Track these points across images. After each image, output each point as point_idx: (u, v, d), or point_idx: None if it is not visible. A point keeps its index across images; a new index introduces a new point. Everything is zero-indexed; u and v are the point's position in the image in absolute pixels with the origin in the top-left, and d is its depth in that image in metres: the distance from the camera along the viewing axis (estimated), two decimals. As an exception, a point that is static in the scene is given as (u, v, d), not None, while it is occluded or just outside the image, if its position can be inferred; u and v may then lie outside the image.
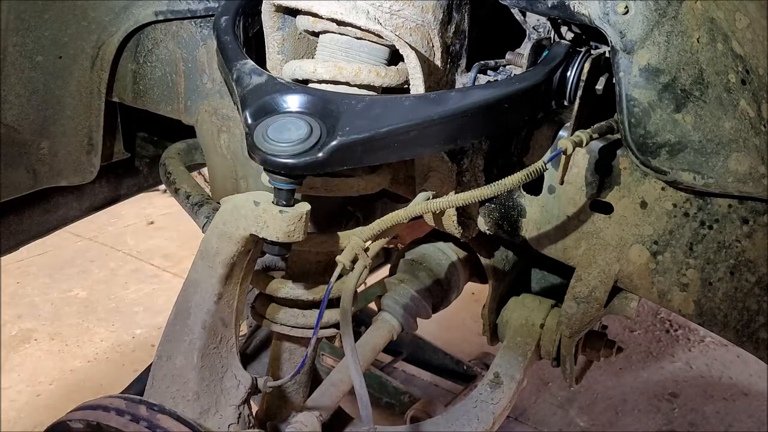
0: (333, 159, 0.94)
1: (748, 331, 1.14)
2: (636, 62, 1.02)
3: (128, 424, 1.02)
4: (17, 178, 1.55)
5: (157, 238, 4.06)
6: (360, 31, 1.07)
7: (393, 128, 0.96)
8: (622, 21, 1.01)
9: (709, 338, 3.21)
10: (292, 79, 1.10)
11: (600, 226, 1.19)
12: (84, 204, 1.82)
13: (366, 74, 1.07)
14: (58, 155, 1.59)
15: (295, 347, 1.35)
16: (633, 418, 2.76)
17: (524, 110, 1.07)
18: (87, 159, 1.62)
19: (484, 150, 1.23)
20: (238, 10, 1.17)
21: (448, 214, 1.24)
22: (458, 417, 1.38)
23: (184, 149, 1.71)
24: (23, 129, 1.52)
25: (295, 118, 0.97)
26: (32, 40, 1.47)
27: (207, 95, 1.53)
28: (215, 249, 1.07)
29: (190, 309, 1.10)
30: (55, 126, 1.56)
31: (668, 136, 1.03)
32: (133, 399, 1.06)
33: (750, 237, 1.10)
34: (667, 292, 1.17)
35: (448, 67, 1.16)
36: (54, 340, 3.12)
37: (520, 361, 1.45)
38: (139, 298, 3.47)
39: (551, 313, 1.49)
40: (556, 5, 1.06)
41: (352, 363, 1.01)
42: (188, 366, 1.10)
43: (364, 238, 1.05)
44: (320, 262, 1.28)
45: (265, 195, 1.03)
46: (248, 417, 1.17)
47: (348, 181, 1.17)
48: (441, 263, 1.55)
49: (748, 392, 2.90)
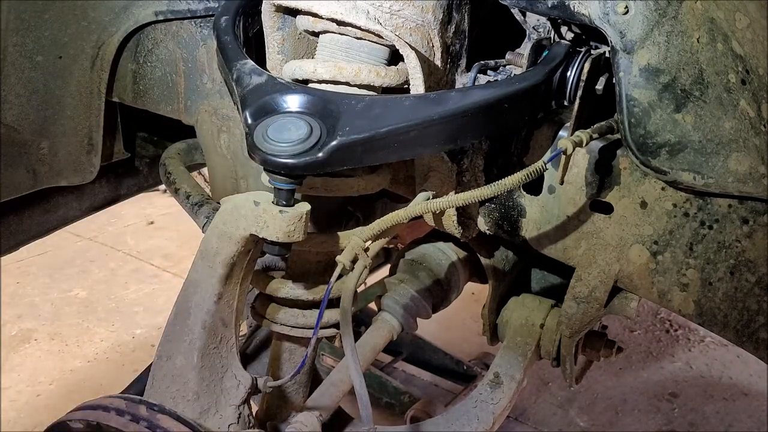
0: (333, 159, 0.94)
1: (748, 331, 1.14)
2: (636, 62, 1.02)
3: (128, 424, 1.02)
4: (17, 178, 1.55)
5: (157, 238, 4.06)
6: (360, 31, 1.07)
7: (393, 128, 0.96)
8: (622, 21, 1.01)
9: (709, 338, 3.21)
10: (292, 79, 1.10)
11: (600, 226, 1.19)
12: (84, 204, 1.82)
13: (366, 74, 1.07)
14: (58, 155, 1.59)
15: (295, 347, 1.35)
16: (633, 418, 2.76)
17: (524, 110, 1.07)
18: (87, 159, 1.62)
19: (484, 150, 1.23)
20: (238, 10, 1.17)
21: (448, 214, 1.24)
22: (458, 417, 1.38)
23: (184, 149, 1.71)
24: (23, 129, 1.52)
25: (295, 118, 0.97)
26: (32, 40, 1.47)
27: (207, 95, 1.53)
28: (215, 249, 1.07)
29: (190, 309, 1.10)
30: (55, 126, 1.56)
31: (668, 136, 1.03)
32: (133, 399, 1.06)
33: (750, 237, 1.10)
34: (667, 292, 1.17)
35: (448, 67, 1.16)
36: (54, 340, 3.12)
37: (520, 361, 1.45)
38: (139, 298, 3.47)
39: (551, 313, 1.49)
40: (556, 5, 1.06)
41: (352, 363, 1.01)
42: (188, 366, 1.10)
43: (364, 238, 1.05)
44: (320, 262, 1.28)
45: (265, 195, 1.03)
46: (248, 417, 1.17)
47: (348, 181, 1.17)
48: (441, 263, 1.55)
49: (748, 392, 2.90)
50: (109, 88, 1.59)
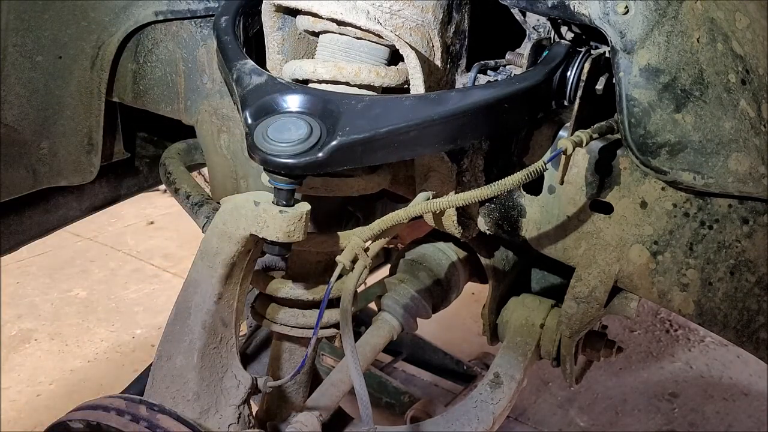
0: (333, 159, 0.94)
1: (748, 331, 1.14)
2: (636, 62, 1.02)
3: (128, 424, 1.02)
4: (17, 178, 1.55)
5: (157, 238, 4.06)
6: (360, 31, 1.07)
7: (393, 128, 0.96)
8: (622, 21, 1.01)
9: (709, 338, 3.21)
10: (292, 79, 1.10)
11: (600, 226, 1.19)
12: (84, 204, 1.82)
13: (366, 74, 1.07)
14: (58, 155, 1.59)
15: (295, 347, 1.35)
16: (633, 418, 2.76)
17: (524, 110, 1.07)
18: (87, 159, 1.62)
19: (484, 150, 1.23)
20: (238, 10, 1.17)
21: (448, 214, 1.24)
22: (458, 417, 1.38)
23: (184, 149, 1.71)
24: (23, 129, 1.52)
25: (295, 118, 0.97)
26: (32, 40, 1.47)
27: (207, 95, 1.53)
28: (215, 249, 1.07)
29: (190, 309, 1.10)
30: (55, 126, 1.56)
31: (668, 136, 1.03)
32: (133, 399, 1.06)
33: (750, 237, 1.10)
34: (667, 292, 1.17)
35: (448, 67, 1.16)
36: (54, 340, 3.12)
37: (520, 361, 1.45)
38: (139, 298, 3.47)
39: (551, 313, 1.49)
40: (555, 5, 1.06)
41: (352, 363, 1.01)
42: (188, 366, 1.10)
43: (364, 238, 1.05)
44: (320, 262, 1.28)
45: (266, 195, 1.03)
46: (248, 417, 1.17)
47: (348, 181, 1.17)
48: (441, 263, 1.55)
49: (748, 392, 2.90)
50: (109, 88, 1.59)
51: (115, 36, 1.53)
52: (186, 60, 1.53)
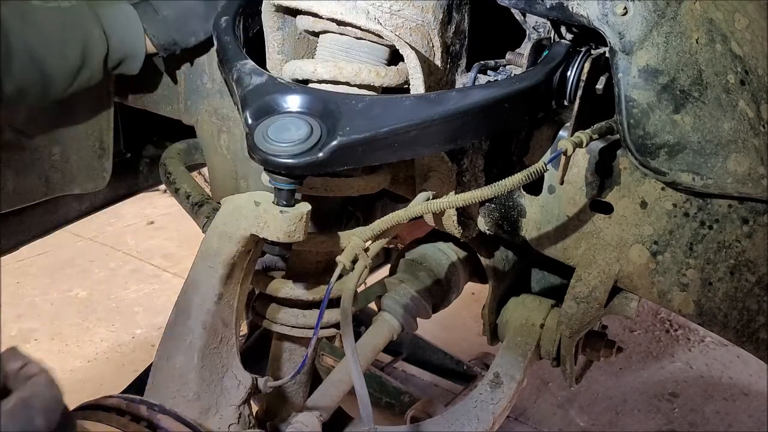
0: (333, 159, 0.94)
1: (748, 331, 1.14)
2: (635, 63, 1.02)
3: (128, 424, 1.02)
4: (30, 185, 1.54)
5: (157, 238, 4.06)
6: (360, 31, 1.07)
7: (393, 128, 0.96)
8: (620, 22, 1.01)
9: (709, 338, 3.21)
10: (292, 79, 1.10)
11: (600, 226, 1.19)
12: (84, 204, 1.82)
13: (366, 74, 1.08)
14: (70, 161, 1.57)
15: (295, 347, 1.35)
16: (633, 418, 2.76)
17: (524, 110, 1.07)
18: (99, 164, 1.61)
19: (484, 150, 1.23)
20: (238, 10, 1.17)
21: (448, 214, 1.24)
22: (458, 417, 1.38)
23: (184, 149, 1.71)
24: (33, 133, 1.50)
25: (296, 118, 0.97)
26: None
27: (207, 95, 1.53)
28: (216, 249, 1.07)
29: (191, 309, 1.10)
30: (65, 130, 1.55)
31: (667, 137, 1.03)
32: (133, 399, 1.06)
33: (750, 237, 1.10)
34: (667, 292, 1.17)
35: (448, 67, 1.16)
36: (54, 340, 3.12)
37: (520, 361, 1.46)
38: (139, 298, 3.47)
39: (551, 313, 1.49)
40: (554, 6, 1.06)
41: (352, 363, 1.01)
42: (188, 366, 1.10)
43: (364, 238, 1.05)
44: (320, 262, 1.29)
45: (266, 195, 1.03)
46: (248, 417, 1.17)
47: (348, 181, 1.17)
48: (441, 263, 1.55)
49: (748, 392, 2.90)
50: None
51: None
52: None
